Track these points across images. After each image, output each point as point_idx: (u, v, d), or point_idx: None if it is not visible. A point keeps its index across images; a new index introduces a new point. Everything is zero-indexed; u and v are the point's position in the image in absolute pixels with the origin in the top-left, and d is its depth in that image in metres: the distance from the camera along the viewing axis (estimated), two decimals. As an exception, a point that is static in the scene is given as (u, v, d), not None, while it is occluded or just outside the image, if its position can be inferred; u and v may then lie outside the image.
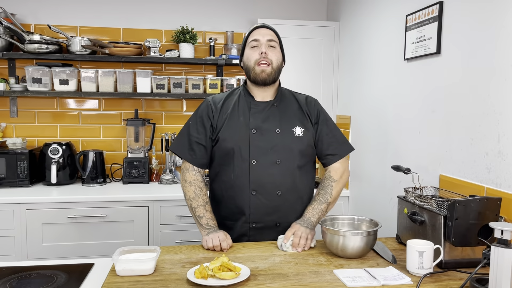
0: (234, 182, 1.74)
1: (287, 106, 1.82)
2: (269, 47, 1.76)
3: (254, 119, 1.76)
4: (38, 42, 2.89)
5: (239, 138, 1.74)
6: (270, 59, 1.75)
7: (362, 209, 2.81)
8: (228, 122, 1.77)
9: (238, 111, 1.79)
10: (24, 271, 1.46)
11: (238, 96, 1.84)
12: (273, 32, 1.80)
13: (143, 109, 3.30)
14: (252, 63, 1.76)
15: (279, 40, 1.82)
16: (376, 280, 1.33)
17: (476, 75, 1.70)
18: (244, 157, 1.72)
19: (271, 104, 1.80)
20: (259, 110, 1.79)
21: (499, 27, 1.58)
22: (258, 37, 1.76)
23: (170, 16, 3.28)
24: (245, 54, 1.81)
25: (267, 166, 1.72)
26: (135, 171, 3.06)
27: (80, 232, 2.65)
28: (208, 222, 1.74)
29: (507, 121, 1.53)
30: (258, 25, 1.81)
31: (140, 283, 1.33)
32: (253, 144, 1.73)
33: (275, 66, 1.76)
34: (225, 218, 1.81)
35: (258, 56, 1.74)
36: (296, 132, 1.77)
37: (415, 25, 2.12)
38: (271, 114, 1.78)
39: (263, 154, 1.73)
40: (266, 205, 1.73)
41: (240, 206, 1.75)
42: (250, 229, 1.76)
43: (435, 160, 1.97)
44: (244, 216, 1.75)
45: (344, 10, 3.10)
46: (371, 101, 2.65)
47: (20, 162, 2.84)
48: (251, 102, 1.80)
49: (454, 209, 1.40)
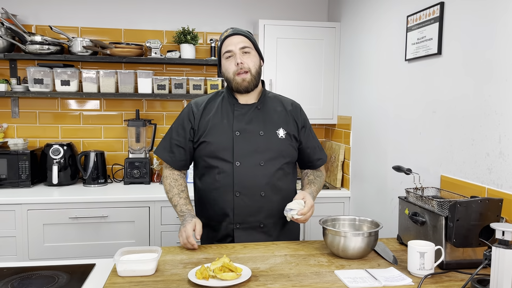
0: (218, 184, 1.76)
1: (271, 108, 1.85)
2: (244, 54, 1.76)
3: (238, 121, 1.78)
4: (39, 43, 2.89)
5: (223, 140, 1.76)
6: (247, 66, 1.76)
7: (363, 209, 2.81)
8: (211, 125, 1.79)
9: (221, 114, 1.81)
10: (26, 271, 1.46)
11: (222, 99, 1.86)
12: (244, 37, 1.79)
13: (144, 110, 3.31)
14: (231, 74, 1.77)
15: (252, 42, 1.81)
16: (377, 281, 1.33)
17: (477, 76, 1.70)
18: (228, 159, 1.75)
19: (254, 107, 1.82)
20: (242, 112, 1.80)
21: (500, 27, 1.58)
22: (231, 48, 1.76)
23: (171, 17, 3.28)
24: (222, 65, 1.82)
25: (250, 167, 1.74)
26: (136, 172, 3.07)
27: (81, 232, 2.66)
28: (182, 209, 1.79)
29: (508, 121, 1.53)
30: (228, 33, 1.80)
31: (141, 283, 1.33)
32: (237, 146, 1.75)
33: (254, 72, 1.78)
34: (210, 219, 1.82)
35: (235, 67, 1.75)
36: (280, 134, 1.80)
37: (416, 26, 2.12)
38: (255, 116, 1.80)
39: (246, 156, 1.75)
40: (250, 206, 1.75)
41: (224, 207, 1.76)
42: (235, 230, 1.77)
43: (436, 161, 1.97)
44: (228, 217, 1.77)
45: (345, 10, 3.10)
46: (372, 102, 2.65)
47: (22, 162, 2.85)
48: (234, 104, 1.82)
49: (455, 210, 1.40)
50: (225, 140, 1.76)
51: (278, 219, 1.79)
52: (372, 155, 2.65)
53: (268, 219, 1.78)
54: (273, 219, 1.79)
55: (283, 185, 1.81)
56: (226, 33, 1.81)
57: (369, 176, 2.72)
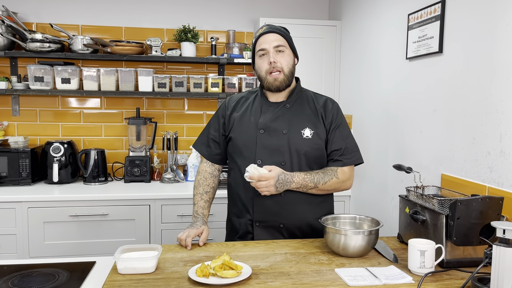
0: (241, 181, 1.76)
1: (300, 107, 1.81)
2: (278, 53, 1.74)
3: (263, 119, 1.78)
4: (40, 41, 2.89)
5: (247, 137, 1.76)
6: (280, 66, 1.73)
7: (363, 208, 2.81)
8: (239, 122, 1.81)
9: (251, 111, 1.82)
10: (26, 269, 1.46)
11: (255, 97, 1.87)
12: (279, 35, 1.75)
13: (145, 108, 3.30)
14: (263, 73, 1.76)
15: (287, 40, 1.77)
16: (378, 279, 1.33)
17: (478, 74, 1.70)
18: (251, 157, 1.74)
19: (283, 105, 1.80)
20: (270, 110, 1.80)
21: (501, 25, 1.57)
22: (265, 46, 1.74)
23: (172, 15, 3.28)
24: (255, 62, 1.80)
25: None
26: (136, 170, 3.07)
27: (81, 230, 2.66)
28: (198, 210, 1.81)
29: (509, 120, 1.53)
30: (263, 30, 1.77)
31: (141, 281, 1.33)
32: (260, 144, 1.74)
33: (287, 71, 1.75)
34: (233, 214, 1.86)
35: (268, 66, 1.73)
36: (305, 134, 1.75)
37: (417, 24, 2.12)
38: (281, 114, 1.78)
39: (268, 154, 1.73)
40: (270, 205, 1.74)
41: (245, 204, 1.78)
42: (254, 228, 1.77)
43: (437, 159, 1.97)
44: (249, 214, 1.77)
45: (346, 9, 3.09)
46: (372, 100, 2.65)
47: (22, 160, 2.85)
48: (264, 102, 1.82)
49: (456, 208, 1.40)
50: (249, 138, 1.76)
51: (298, 220, 1.76)
52: (373, 153, 2.65)
53: (288, 219, 1.76)
54: (293, 219, 1.76)
55: None
56: (262, 30, 1.77)
57: (369, 174, 2.71)
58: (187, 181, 3.11)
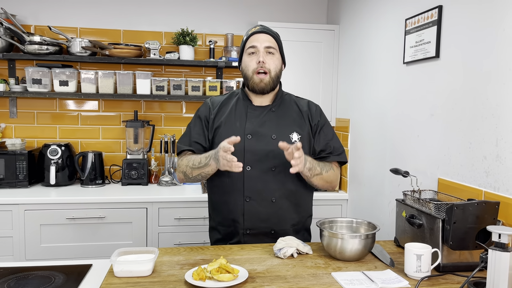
0: (228, 188, 1.73)
1: (286, 111, 1.79)
2: (268, 54, 1.72)
3: (250, 124, 1.74)
4: (38, 43, 2.89)
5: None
6: (268, 67, 1.71)
7: (360, 212, 2.81)
8: (224, 127, 1.75)
9: (235, 116, 1.77)
10: (22, 271, 1.46)
11: (236, 100, 1.82)
12: (271, 37, 1.75)
13: (143, 111, 3.31)
14: (250, 72, 1.73)
15: (278, 44, 1.77)
16: (374, 283, 1.33)
17: (474, 79, 1.71)
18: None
19: (268, 109, 1.78)
20: (256, 114, 1.76)
21: (498, 31, 1.58)
22: (256, 44, 1.72)
23: (170, 18, 3.29)
24: (243, 60, 1.78)
25: (262, 172, 1.70)
26: (134, 173, 3.06)
27: (78, 233, 2.65)
28: (205, 155, 1.68)
29: (505, 125, 1.54)
30: (256, 30, 1.76)
31: (138, 284, 1.33)
32: (248, 150, 1.71)
33: (274, 75, 1.73)
34: (220, 224, 1.80)
35: (256, 65, 1.71)
36: (293, 138, 1.74)
37: (414, 29, 2.13)
38: (268, 119, 1.76)
39: (258, 160, 1.71)
40: (260, 212, 1.71)
41: (234, 212, 1.73)
42: (245, 235, 1.74)
43: (433, 164, 1.98)
44: (238, 223, 1.73)
45: (344, 13, 3.11)
46: (370, 105, 2.65)
47: (19, 162, 2.84)
48: (248, 106, 1.78)
49: (452, 212, 1.40)
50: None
51: (289, 225, 1.75)
52: (370, 157, 2.66)
53: (280, 225, 1.74)
54: (284, 225, 1.74)
55: (296, 190, 1.75)
56: (254, 29, 1.75)
57: (366, 178, 2.72)
58: (185, 184, 3.11)
